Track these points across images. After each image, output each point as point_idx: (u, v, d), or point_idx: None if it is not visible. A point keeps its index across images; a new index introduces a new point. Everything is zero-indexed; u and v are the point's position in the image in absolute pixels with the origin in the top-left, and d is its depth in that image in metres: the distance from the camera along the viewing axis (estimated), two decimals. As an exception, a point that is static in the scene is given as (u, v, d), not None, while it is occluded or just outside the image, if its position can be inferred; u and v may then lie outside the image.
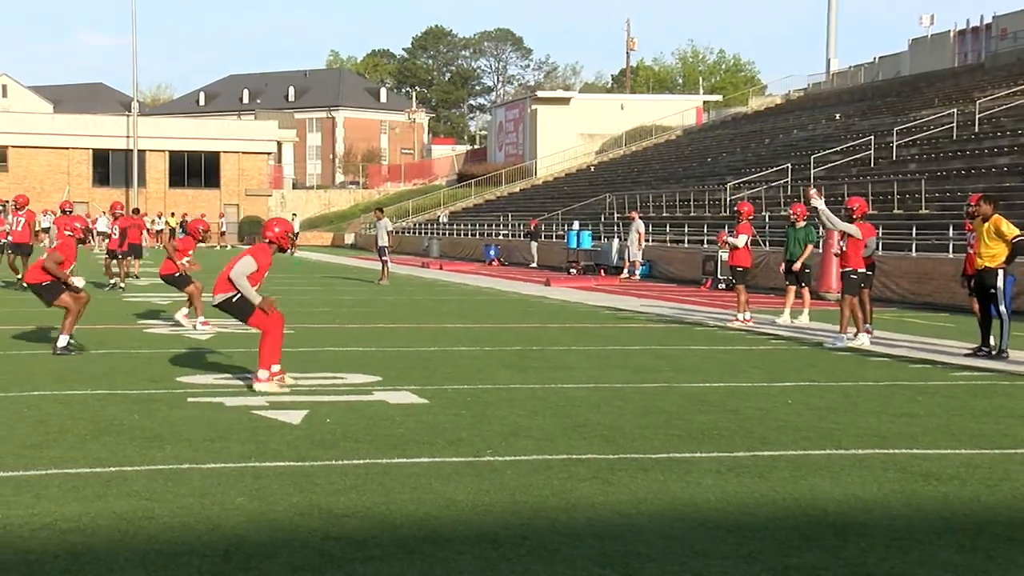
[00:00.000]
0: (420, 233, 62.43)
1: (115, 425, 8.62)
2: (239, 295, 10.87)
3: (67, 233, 14.30)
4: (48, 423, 8.68)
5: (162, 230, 64.62)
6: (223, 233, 54.23)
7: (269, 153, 78.87)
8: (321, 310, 20.49)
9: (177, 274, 17.59)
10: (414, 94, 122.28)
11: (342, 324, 17.86)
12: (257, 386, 10.53)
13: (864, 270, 15.44)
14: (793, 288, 18.74)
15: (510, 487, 6.74)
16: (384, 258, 29.81)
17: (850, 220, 15.63)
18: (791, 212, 18.98)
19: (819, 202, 15.07)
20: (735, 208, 19.55)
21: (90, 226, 30.05)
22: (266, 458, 7.48)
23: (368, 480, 6.88)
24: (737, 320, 18.19)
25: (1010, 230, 13.71)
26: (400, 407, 9.69)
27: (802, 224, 18.61)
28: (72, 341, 13.54)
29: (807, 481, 6.98)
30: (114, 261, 26.87)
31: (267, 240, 11.19)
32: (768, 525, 6.01)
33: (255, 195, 75.24)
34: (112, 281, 26.25)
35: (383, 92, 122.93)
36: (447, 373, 11.89)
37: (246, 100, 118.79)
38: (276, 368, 10.74)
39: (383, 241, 29.96)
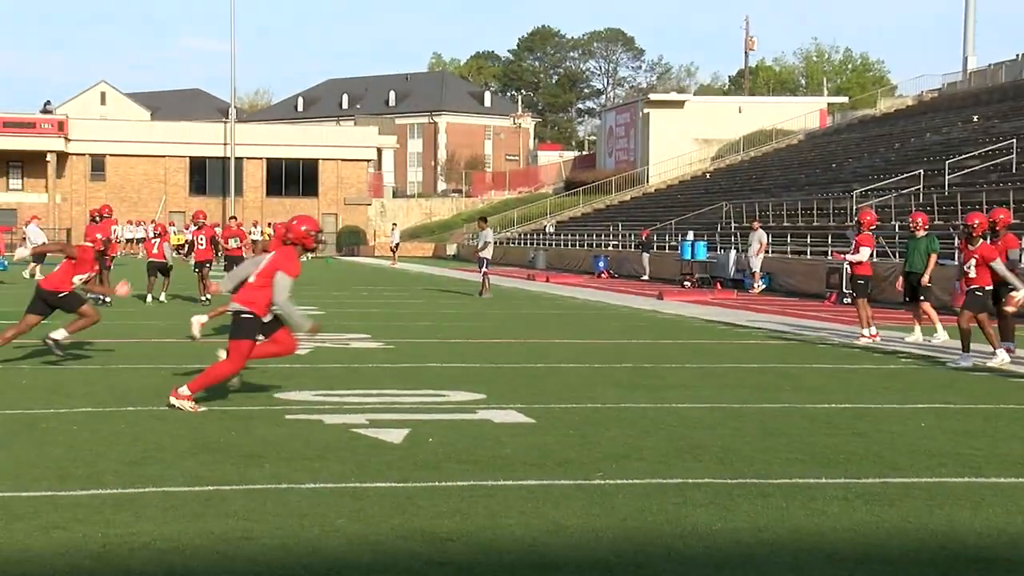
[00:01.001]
0: (525, 243, 62.60)
1: (213, 442, 8.79)
2: (251, 314, 10.28)
3: (86, 243, 14.65)
4: (145, 440, 8.89)
5: (258, 240, 65.73)
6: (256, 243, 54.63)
7: (369, 160, 79.90)
8: (422, 324, 20.66)
9: None
10: (520, 98, 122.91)
11: (444, 339, 17.97)
12: (176, 400, 10.19)
13: (991, 287, 15.07)
14: (916, 304, 18.30)
15: (622, 512, 6.71)
16: (484, 270, 29.95)
17: (969, 238, 15.30)
18: (911, 221, 18.67)
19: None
20: (856, 217, 19.24)
21: (115, 236, 30.33)
22: (367, 478, 7.56)
23: (473, 503, 6.91)
24: (863, 336, 17.90)
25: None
26: (506, 426, 9.72)
27: (923, 234, 18.33)
28: (60, 342, 13.77)
29: (944, 511, 6.83)
30: (199, 272, 25.99)
31: (291, 242, 10.62)
32: (901, 558, 5.89)
33: (354, 204, 76.28)
34: (205, 296, 25.43)
35: (487, 96, 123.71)
36: (554, 391, 11.89)
37: (345, 105, 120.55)
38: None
39: (486, 252, 30.11)
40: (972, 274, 15.14)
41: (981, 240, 15.30)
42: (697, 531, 6.32)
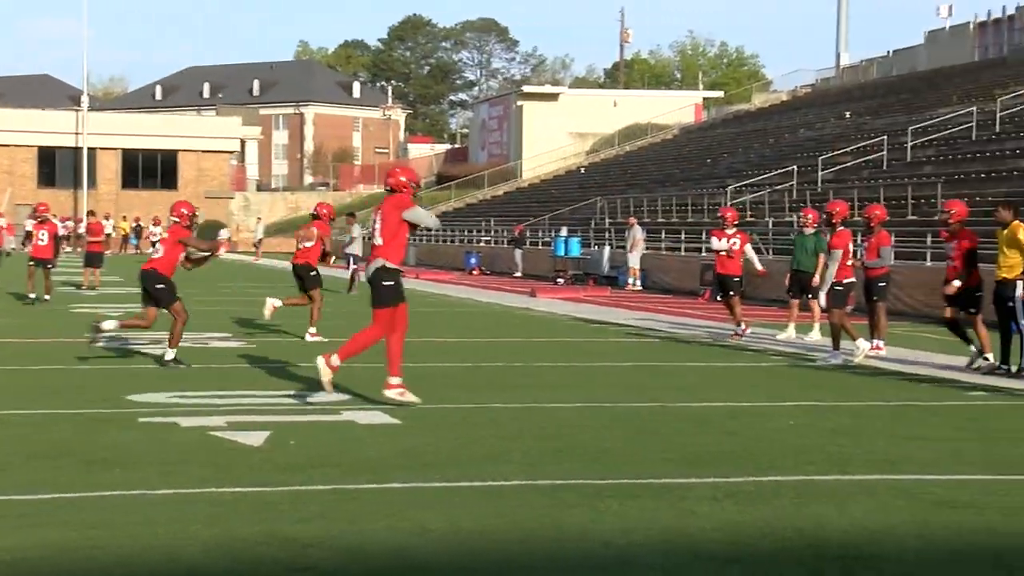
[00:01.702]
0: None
1: (58, 448, 8.60)
2: (393, 280, 10.95)
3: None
4: (-13, 445, 8.65)
5: (111, 235, 64.31)
6: (154, 243, 53.85)
7: (231, 152, 78.83)
8: (286, 322, 20.49)
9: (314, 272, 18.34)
10: (390, 89, 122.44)
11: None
12: (389, 392, 10.76)
13: (851, 280, 15.53)
14: (797, 301, 18.77)
15: (490, 515, 6.75)
16: (353, 266, 29.80)
17: (830, 225, 15.76)
18: (801, 216, 18.86)
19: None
20: (718, 214, 19.63)
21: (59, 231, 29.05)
22: (224, 483, 7.48)
23: (336, 507, 6.89)
24: (736, 335, 18.27)
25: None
26: (371, 428, 9.70)
27: (812, 231, 18.40)
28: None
29: (811, 509, 7.02)
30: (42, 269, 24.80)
31: (390, 190, 11.23)
32: (768, 557, 6.04)
33: (215, 197, 75.16)
34: (33, 296, 24.28)
35: (356, 86, 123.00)
36: (423, 391, 11.89)
37: (207, 94, 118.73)
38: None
39: (354, 248, 29.94)
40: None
41: (840, 228, 15.72)
42: (567, 533, 6.39)
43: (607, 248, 38.00)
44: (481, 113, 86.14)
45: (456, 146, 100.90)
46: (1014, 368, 13.77)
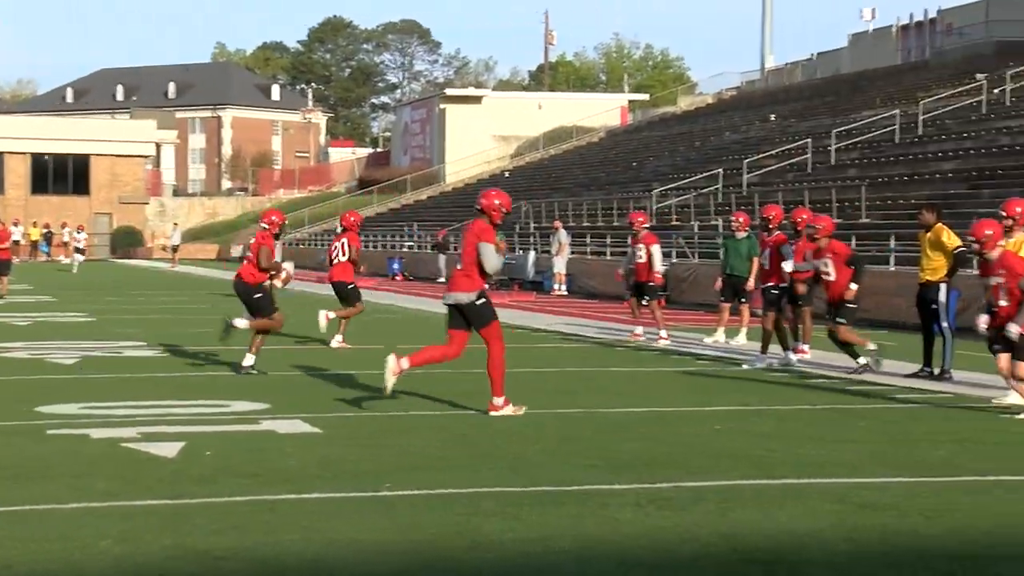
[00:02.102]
0: (317, 245, 62.08)
1: (-36, 461, 8.43)
2: (483, 298, 10.95)
3: None
4: None
5: (19, 242, 63.29)
6: (80, 249, 52.93)
7: (146, 156, 77.89)
8: (203, 330, 20.28)
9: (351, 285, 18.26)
10: (310, 92, 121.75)
11: (227, 346, 17.66)
12: (496, 413, 10.77)
13: (785, 285, 15.71)
14: (728, 306, 18.85)
15: (409, 524, 6.72)
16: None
17: (766, 230, 15.93)
18: (733, 220, 18.94)
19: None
20: (628, 220, 19.89)
21: None
22: (136, 496, 7.37)
23: (251, 519, 6.82)
24: (661, 339, 18.39)
25: (951, 240, 14.03)
26: (290, 437, 9.62)
27: (744, 235, 18.44)
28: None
29: (736, 514, 7.06)
30: None
31: (480, 210, 11.09)
32: (691, 564, 6.06)
33: (130, 203, 74.21)
34: None
35: (275, 89, 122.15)
36: (343, 399, 11.84)
37: (120, 97, 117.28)
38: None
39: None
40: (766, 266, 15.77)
41: (777, 232, 15.87)
42: (486, 542, 6.37)
43: (532, 253, 38.10)
44: (403, 116, 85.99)
45: (378, 150, 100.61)
46: (936, 371, 13.99)
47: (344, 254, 18.09)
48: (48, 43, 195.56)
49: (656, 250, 19.14)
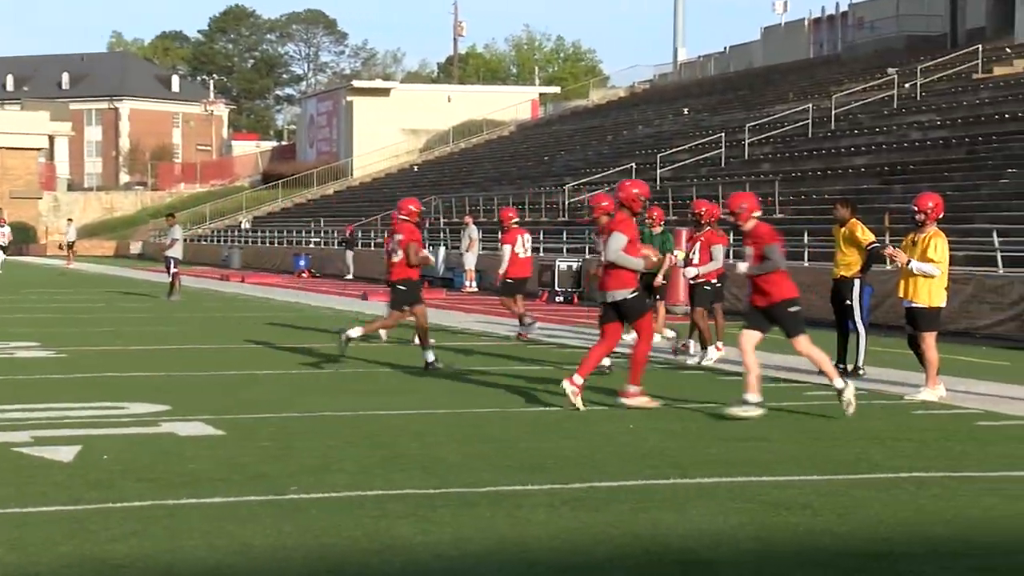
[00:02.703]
0: (219, 241, 61.45)
1: None
2: (636, 292, 11.45)
3: None
4: None
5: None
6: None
7: (39, 149, 76.56)
8: (101, 330, 19.98)
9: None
10: (212, 83, 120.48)
11: (125, 346, 17.44)
12: (629, 401, 11.29)
13: (716, 281, 15.91)
14: (657, 303, 18.85)
15: (316, 528, 6.68)
16: (173, 270, 29.21)
17: (698, 226, 16.06)
18: (647, 216, 18.93)
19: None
20: (499, 217, 20.15)
21: None
22: (30, 502, 7.24)
23: (151, 524, 6.73)
24: (521, 335, 18.58)
25: (865, 236, 14.28)
26: (192, 440, 9.52)
27: (659, 230, 18.45)
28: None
29: (649, 514, 7.12)
30: None
31: (620, 203, 11.50)
32: (605, 564, 6.10)
33: (22, 197, 72.91)
34: None
35: (175, 80, 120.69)
36: (248, 400, 11.73)
37: (11, 87, 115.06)
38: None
39: (174, 251, 29.39)
40: (696, 260, 15.87)
41: (708, 227, 15.99)
42: (396, 545, 6.35)
43: (442, 249, 38.07)
44: (309, 109, 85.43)
45: (283, 143, 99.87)
46: (850, 367, 14.21)
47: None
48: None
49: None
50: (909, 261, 12.35)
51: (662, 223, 18.57)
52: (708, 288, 15.89)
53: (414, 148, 74.73)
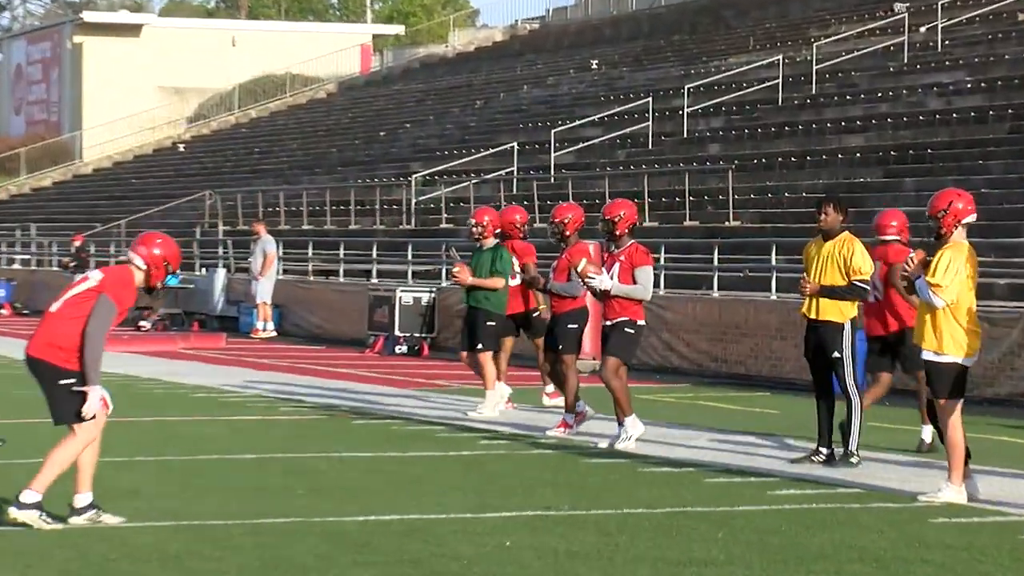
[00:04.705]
0: None
1: None
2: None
3: None
4: None
5: None
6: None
7: None
8: None
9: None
10: None
11: None
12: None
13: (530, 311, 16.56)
14: (488, 353, 18.64)
15: None
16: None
17: (613, 238, 16.13)
18: (474, 222, 18.79)
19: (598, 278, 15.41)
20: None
21: None
22: None
23: None
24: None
25: (863, 262, 14.30)
26: None
27: (491, 243, 18.31)
28: None
29: None
30: None
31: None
32: None
33: None
34: None
35: None
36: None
37: None
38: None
39: None
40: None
41: (631, 242, 15.99)
42: None
43: (221, 271, 37.72)
44: (14, 55, 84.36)
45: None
46: (838, 452, 14.37)
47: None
48: None
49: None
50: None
51: (495, 232, 18.55)
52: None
53: (178, 116, 74.11)
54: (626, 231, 15.85)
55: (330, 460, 14.89)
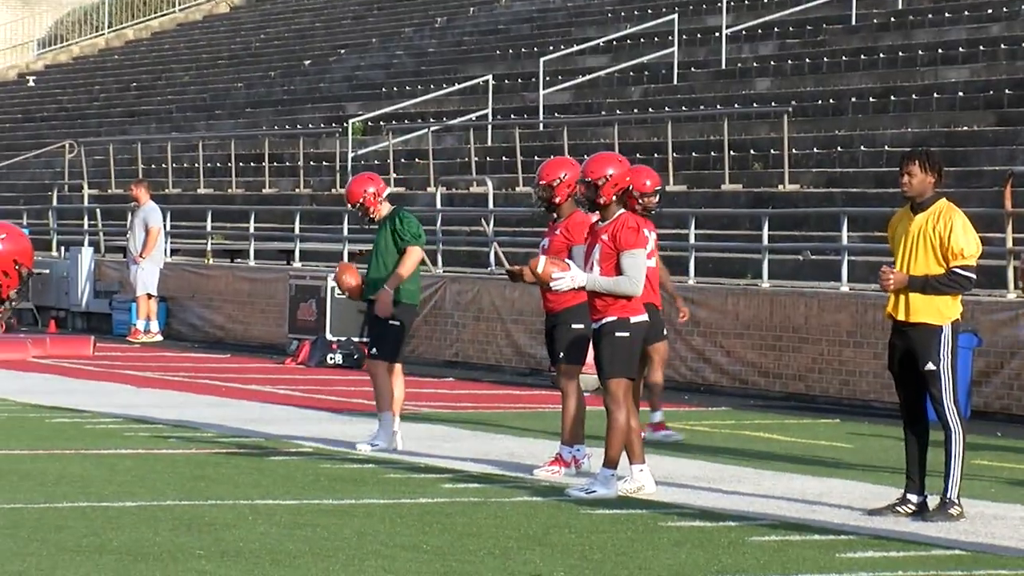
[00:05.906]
0: None
1: None
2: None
3: None
4: None
5: None
6: None
7: None
8: None
9: None
10: None
11: None
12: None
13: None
14: (384, 364, 18.67)
15: None
16: None
17: (597, 206, 16.23)
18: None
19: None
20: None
21: None
22: None
23: None
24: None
25: (968, 237, 14.33)
26: None
27: (383, 212, 18.33)
28: None
29: None
30: None
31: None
32: None
33: None
34: None
35: None
36: None
37: None
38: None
39: None
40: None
41: (620, 212, 16.13)
42: None
43: (87, 252, 37.73)
44: None
45: None
46: (934, 498, 14.48)
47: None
48: None
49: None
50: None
51: (382, 200, 18.70)
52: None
53: (28, 39, 74.27)
54: (613, 199, 15.77)
55: (238, 510, 14.92)
